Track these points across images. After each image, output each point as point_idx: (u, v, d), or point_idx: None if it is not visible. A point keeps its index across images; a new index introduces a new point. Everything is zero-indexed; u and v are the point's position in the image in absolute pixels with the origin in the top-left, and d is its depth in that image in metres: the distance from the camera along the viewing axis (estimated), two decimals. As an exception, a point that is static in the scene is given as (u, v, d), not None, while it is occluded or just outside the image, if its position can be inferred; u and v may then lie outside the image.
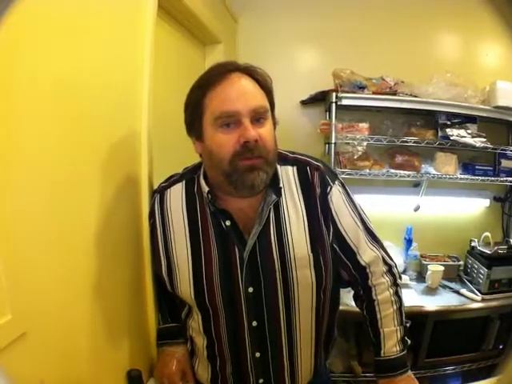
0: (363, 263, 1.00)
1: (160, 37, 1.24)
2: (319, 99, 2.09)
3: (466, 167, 2.11)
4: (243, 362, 0.99)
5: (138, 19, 1.09)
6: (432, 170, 2.06)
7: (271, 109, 0.94)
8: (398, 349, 0.99)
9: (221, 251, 0.95)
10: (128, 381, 0.98)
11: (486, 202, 2.28)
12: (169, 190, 1.02)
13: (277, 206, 0.96)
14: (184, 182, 1.02)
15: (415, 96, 2.00)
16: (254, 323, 0.96)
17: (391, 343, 0.99)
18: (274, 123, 0.95)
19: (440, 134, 2.05)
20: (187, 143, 0.99)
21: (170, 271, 1.00)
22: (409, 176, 2.02)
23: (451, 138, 2.00)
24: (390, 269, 1.02)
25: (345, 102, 1.93)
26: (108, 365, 0.96)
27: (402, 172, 2.02)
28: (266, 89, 0.92)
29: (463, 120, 2.10)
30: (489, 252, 2.11)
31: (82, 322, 0.86)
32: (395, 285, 1.02)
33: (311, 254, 0.95)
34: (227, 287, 0.94)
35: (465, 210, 2.38)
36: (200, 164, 1.02)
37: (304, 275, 0.94)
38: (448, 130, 2.02)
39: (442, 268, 2.10)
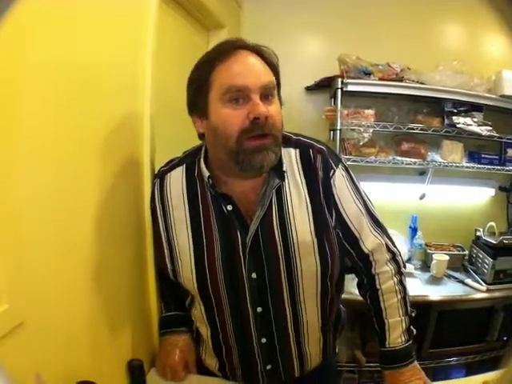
0: (366, 251, 0.97)
1: (163, 21, 1.20)
2: (325, 85, 2.06)
3: (472, 156, 2.09)
4: (250, 348, 0.98)
5: (142, 3, 1.06)
6: (438, 158, 2.03)
7: (277, 89, 0.91)
8: (403, 339, 0.97)
9: (223, 236, 0.93)
10: (129, 371, 0.96)
11: (492, 192, 2.26)
12: (169, 174, 0.99)
13: (279, 190, 0.93)
14: (184, 165, 0.99)
15: (421, 83, 1.98)
16: (259, 309, 0.94)
17: (396, 334, 0.97)
18: (281, 104, 0.92)
19: (446, 121, 2.02)
20: (189, 126, 0.96)
21: (172, 259, 0.98)
22: (415, 163, 2.00)
23: (457, 125, 1.97)
24: (393, 256, 1.00)
25: (350, 87, 1.90)
26: (109, 354, 0.95)
27: (407, 159, 1.99)
28: (273, 67, 0.90)
29: (469, 108, 2.08)
30: (494, 242, 2.09)
31: (82, 311, 0.84)
32: (399, 273, 1.00)
33: (315, 240, 0.92)
34: (230, 273, 0.92)
35: (470, 199, 2.35)
36: (200, 147, 0.99)
37: (308, 262, 0.92)
38: (454, 117, 2.00)
39: (447, 257, 2.08)
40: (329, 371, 1.15)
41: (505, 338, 2.33)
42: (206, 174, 0.92)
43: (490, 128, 2.07)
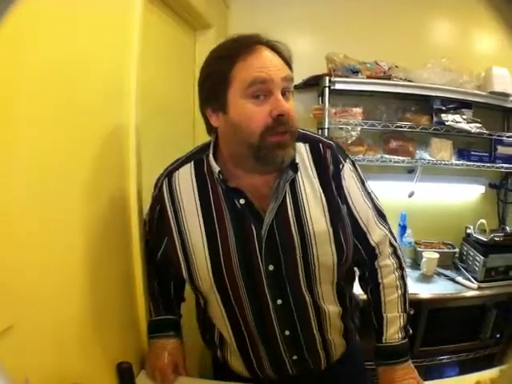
0: (373, 243, 1.00)
1: (149, 22, 1.20)
2: (312, 84, 2.05)
3: (462, 153, 2.08)
4: (274, 342, 0.98)
5: (127, 5, 1.05)
6: (427, 156, 2.03)
7: None
8: (400, 336, 0.98)
9: (237, 230, 0.92)
10: (118, 373, 0.95)
11: (482, 189, 2.25)
12: (177, 172, 0.98)
13: (292, 183, 0.94)
14: (192, 162, 0.98)
15: (410, 81, 1.97)
16: (279, 301, 0.94)
17: (393, 330, 0.98)
18: None
19: (435, 119, 2.02)
20: (178, 127, 0.96)
21: (186, 257, 0.96)
22: (403, 161, 1.99)
23: (446, 123, 1.97)
24: (394, 250, 1.02)
25: (338, 86, 1.89)
26: (98, 357, 0.94)
27: (396, 157, 1.99)
28: (288, 63, 0.91)
29: (458, 105, 2.08)
30: (485, 239, 2.08)
31: (72, 314, 0.83)
32: (401, 268, 1.02)
33: (331, 229, 0.93)
34: (247, 267, 0.92)
35: (460, 196, 2.35)
36: (207, 145, 0.99)
37: (325, 251, 0.93)
38: (443, 115, 1.99)
39: (437, 255, 2.07)
40: (355, 362, 1.15)
41: (498, 336, 2.33)
42: (217, 168, 0.91)
43: (480, 125, 2.07)
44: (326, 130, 1.90)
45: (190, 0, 1.57)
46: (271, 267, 0.92)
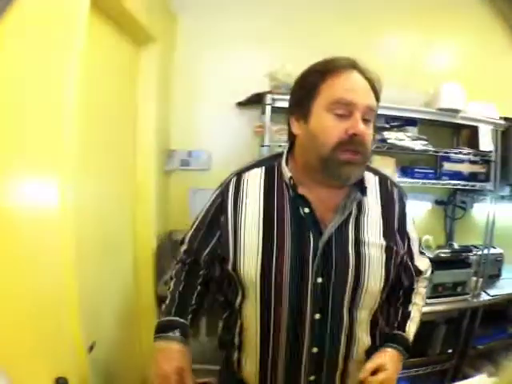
0: (422, 270, 1.11)
1: (91, 36, 1.18)
2: (256, 101, 2.05)
3: (405, 170, 2.09)
4: (298, 356, 0.97)
5: (69, 20, 1.04)
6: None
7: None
8: (412, 338, 1.06)
9: (295, 237, 0.94)
10: None
11: (428, 205, 2.26)
12: (247, 172, 1.03)
13: (359, 204, 0.98)
14: (264, 168, 1.03)
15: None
16: (317, 316, 0.95)
17: (413, 328, 1.06)
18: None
19: (378, 137, 2.01)
20: (121, 138, 0.93)
21: (235, 251, 0.98)
22: (346, 180, 1.98)
23: (388, 141, 1.98)
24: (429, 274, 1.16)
25: (279, 104, 1.88)
26: (34, 371, 0.91)
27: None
28: (377, 95, 0.95)
29: (403, 123, 2.09)
30: (430, 256, 2.08)
31: (5, 328, 0.81)
32: (426, 287, 1.16)
33: (384, 255, 0.97)
34: (297, 274, 0.93)
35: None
36: (279, 154, 1.04)
37: (375, 275, 0.96)
38: (385, 133, 2.00)
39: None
40: None
41: (450, 351, 2.33)
42: (288, 174, 0.96)
43: (426, 142, 2.09)
44: (267, 148, 1.89)
45: (133, 14, 1.55)
46: (320, 280, 0.93)
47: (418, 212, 2.34)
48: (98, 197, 1.47)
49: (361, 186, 0.97)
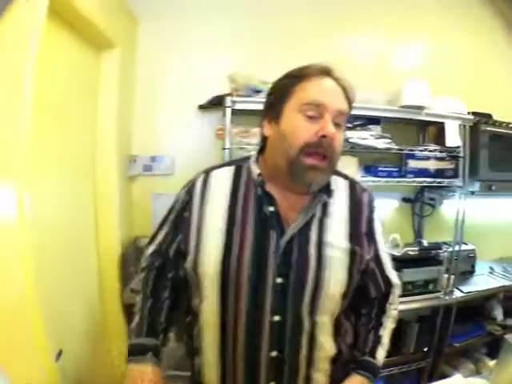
0: (392, 282, 1.09)
1: (48, 42, 1.19)
2: (217, 104, 2.04)
3: (369, 169, 2.08)
4: (257, 361, 0.95)
5: (24, 26, 1.04)
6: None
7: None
8: (382, 361, 1.04)
9: (257, 235, 0.94)
10: None
11: (395, 203, 2.25)
12: (216, 171, 1.04)
13: (324, 206, 0.99)
14: (234, 166, 1.04)
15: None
16: (276, 318, 0.93)
17: (382, 354, 1.04)
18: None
19: (340, 136, 2.01)
20: (80, 144, 0.92)
21: (197, 246, 0.97)
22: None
23: (350, 140, 1.97)
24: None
25: (239, 106, 1.87)
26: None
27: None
28: (350, 102, 0.96)
29: (366, 122, 2.08)
30: (397, 254, 2.08)
31: None
32: (396, 309, 1.12)
33: (347, 258, 0.97)
34: (256, 273, 0.93)
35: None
36: (248, 157, 1.05)
37: (337, 279, 0.95)
38: (348, 132, 1.99)
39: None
40: None
41: (425, 350, 2.32)
42: (257, 171, 0.97)
43: (389, 140, 2.08)
44: (227, 151, 1.88)
45: (92, 20, 1.54)
46: (279, 280, 0.92)
47: (385, 210, 2.33)
48: (57, 204, 1.47)
49: (327, 189, 0.97)
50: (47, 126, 1.30)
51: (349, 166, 1.97)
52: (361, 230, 1.01)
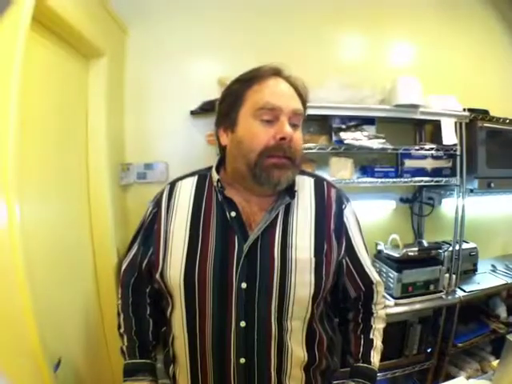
0: (372, 278, 1.06)
1: (33, 53, 1.19)
2: (208, 109, 2.03)
3: (365, 170, 2.06)
4: (226, 367, 0.93)
5: (6, 37, 1.03)
6: (327, 176, 2.00)
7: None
8: (377, 365, 1.02)
9: (219, 240, 0.94)
10: None
11: (393, 204, 2.22)
12: (180, 181, 1.05)
13: (287, 208, 0.98)
14: (197, 176, 1.05)
15: (306, 101, 1.95)
16: (243, 324, 0.92)
17: (377, 358, 1.02)
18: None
19: (334, 138, 1.99)
20: (71, 154, 0.91)
21: (164, 257, 0.97)
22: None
23: (345, 141, 1.95)
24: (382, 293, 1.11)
25: (230, 111, 1.87)
26: None
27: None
28: (303, 99, 0.96)
29: (360, 122, 2.06)
30: (397, 255, 2.06)
31: None
32: (385, 307, 1.10)
33: (313, 259, 0.94)
34: (220, 279, 0.92)
35: (370, 213, 2.32)
36: (211, 167, 1.05)
37: (303, 281, 0.93)
38: (342, 133, 1.97)
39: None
40: None
41: (429, 351, 2.29)
42: (216, 177, 0.97)
43: (383, 141, 2.05)
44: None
45: (78, 29, 1.53)
46: (244, 285, 0.91)
47: (382, 211, 2.31)
48: (50, 215, 1.46)
49: (290, 190, 0.97)
50: (36, 136, 1.30)
51: (344, 167, 1.94)
52: (329, 226, 0.99)
